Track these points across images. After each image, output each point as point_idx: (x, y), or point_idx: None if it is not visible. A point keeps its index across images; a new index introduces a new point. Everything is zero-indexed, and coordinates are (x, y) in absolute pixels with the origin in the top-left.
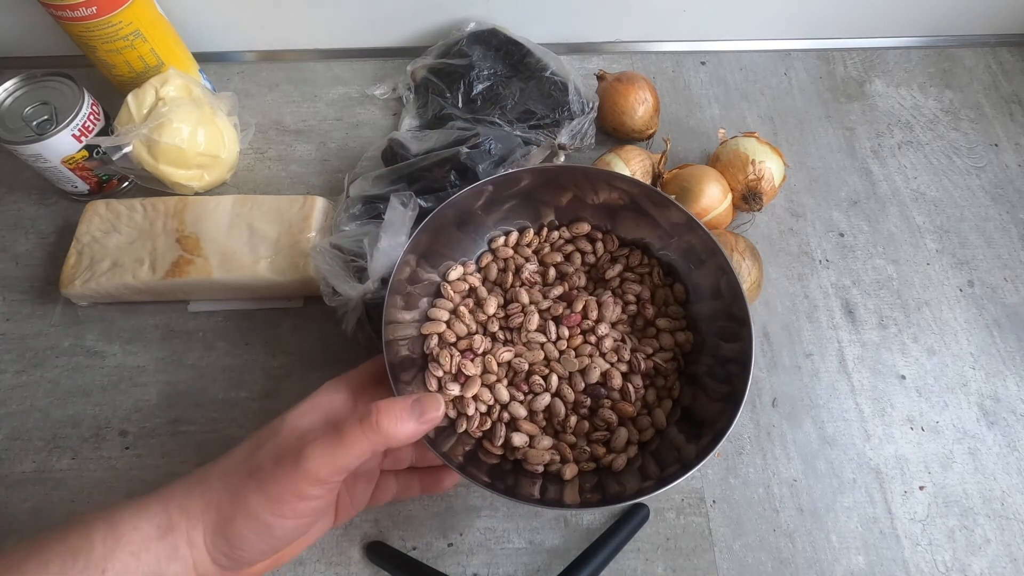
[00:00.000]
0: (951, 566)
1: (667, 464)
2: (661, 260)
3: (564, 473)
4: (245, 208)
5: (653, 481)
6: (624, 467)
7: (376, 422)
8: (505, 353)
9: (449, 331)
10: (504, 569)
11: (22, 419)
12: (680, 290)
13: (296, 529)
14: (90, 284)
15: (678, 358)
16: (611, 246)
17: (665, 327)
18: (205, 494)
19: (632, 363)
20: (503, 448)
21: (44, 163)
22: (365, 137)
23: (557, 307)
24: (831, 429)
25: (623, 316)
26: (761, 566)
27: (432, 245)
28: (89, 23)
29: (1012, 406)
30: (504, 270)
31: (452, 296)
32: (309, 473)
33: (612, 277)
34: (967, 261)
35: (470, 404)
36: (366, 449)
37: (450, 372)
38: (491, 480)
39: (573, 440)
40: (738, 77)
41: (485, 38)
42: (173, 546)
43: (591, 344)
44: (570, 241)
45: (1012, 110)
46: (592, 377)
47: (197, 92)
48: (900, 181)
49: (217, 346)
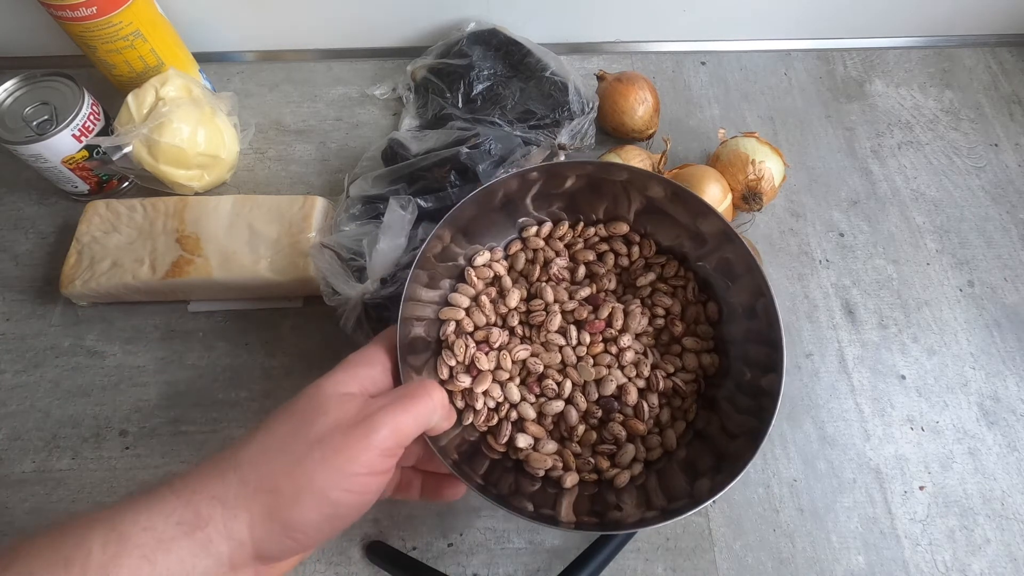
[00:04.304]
0: (951, 566)
1: (672, 490)
2: (698, 274)
3: (564, 481)
4: (245, 208)
5: (656, 512)
6: (626, 484)
7: (430, 394)
8: (521, 351)
9: (467, 319)
10: (504, 569)
11: (22, 419)
12: (714, 310)
13: (360, 507)
14: (90, 284)
15: (699, 381)
16: (647, 252)
17: (691, 347)
18: (247, 479)
19: (651, 381)
20: (506, 447)
21: (44, 163)
22: (365, 137)
23: (582, 311)
24: (831, 429)
25: (649, 328)
26: (761, 566)
27: (470, 224)
28: (89, 23)
29: (1012, 406)
30: (532, 261)
31: (475, 283)
32: (381, 441)
33: (644, 285)
34: (967, 261)
35: (479, 398)
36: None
37: (463, 363)
38: (488, 476)
39: (578, 450)
40: (738, 77)
41: (485, 38)
42: (204, 543)
43: (611, 354)
44: (605, 240)
45: (1012, 110)
46: (607, 389)
47: (197, 92)
48: (900, 181)
49: (217, 346)
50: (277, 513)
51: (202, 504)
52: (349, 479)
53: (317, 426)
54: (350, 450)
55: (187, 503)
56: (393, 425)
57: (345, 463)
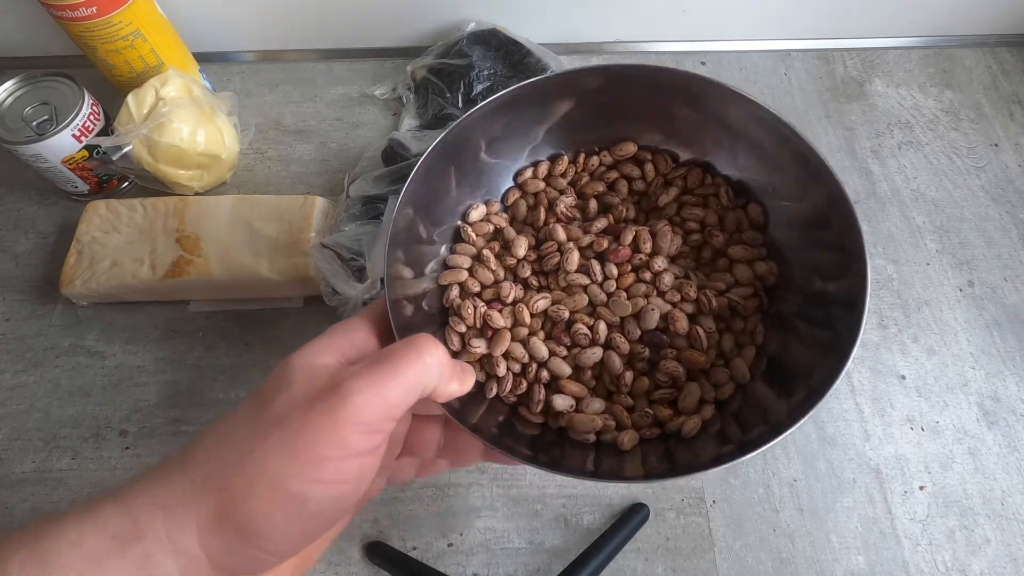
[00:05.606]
0: (951, 566)
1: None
2: (730, 179)
3: (622, 442)
4: (245, 208)
5: (733, 446)
6: (698, 432)
7: (419, 351)
8: (540, 301)
9: (472, 279)
10: (504, 569)
11: (22, 419)
12: (756, 211)
13: (339, 501)
14: (90, 284)
15: (760, 295)
16: (664, 167)
17: (741, 256)
18: (194, 478)
19: (700, 302)
20: (543, 415)
21: (44, 163)
22: (365, 137)
23: (601, 242)
24: (831, 429)
25: (684, 248)
26: (761, 566)
27: (439, 187)
28: (89, 23)
29: (1012, 406)
30: (535, 207)
31: (474, 240)
32: (356, 414)
33: (667, 204)
34: (967, 261)
35: (500, 363)
36: (415, 381)
37: (475, 327)
38: (534, 449)
39: (630, 402)
40: (738, 77)
41: (485, 38)
42: (142, 559)
43: (646, 283)
44: (613, 167)
45: (1012, 110)
46: (650, 322)
47: (197, 92)
48: (900, 181)
49: (217, 346)
50: (229, 516)
51: (141, 512)
52: (315, 466)
53: (276, 405)
54: (313, 429)
55: (125, 512)
56: (370, 393)
57: (307, 446)
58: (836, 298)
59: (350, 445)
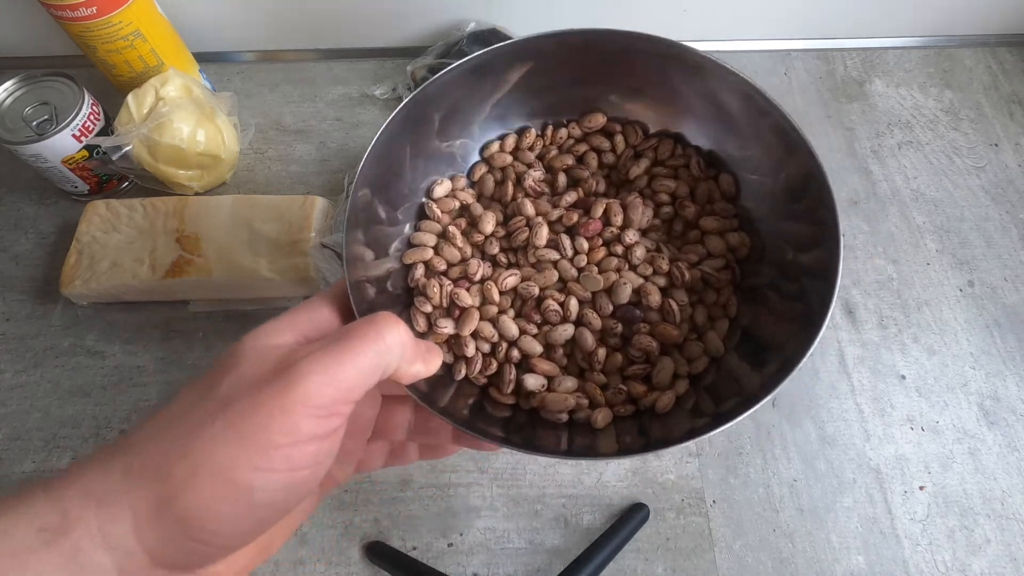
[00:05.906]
0: (951, 566)
1: (724, 400)
2: (700, 150)
3: (595, 420)
4: (245, 208)
5: (707, 419)
6: (672, 407)
7: (378, 331)
8: (510, 278)
9: (437, 258)
10: (504, 569)
11: (22, 419)
12: (728, 181)
13: (290, 489)
14: (90, 284)
15: (732, 266)
16: (634, 139)
17: (712, 228)
18: (131, 465)
19: (673, 274)
20: (514, 395)
21: (44, 163)
22: (365, 137)
23: (571, 215)
24: (831, 429)
25: (655, 221)
26: (761, 566)
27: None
28: (89, 23)
29: (1012, 406)
30: (502, 182)
31: (439, 216)
32: (307, 397)
33: (638, 176)
34: (967, 261)
35: (469, 343)
36: (373, 362)
37: (441, 306)
38: (505, 435)
39: (603, 379)
40: None
41: (485, 38)
42: (71, 554)
43: (617, 256)
44: (582, 140)
45: (1012, 110)
46: (622, 296)
47: (197, 92)
48: (900, 181)
49: (217, 346)
50: (169, 507)
51: (72, 503)
52: (263, 453)
53: (222, 387)
54: (261, 413)
55: (55, 503)
56: (324, 375)
57: (254, 432)
58: (809, 269)
59: (301, 430)
